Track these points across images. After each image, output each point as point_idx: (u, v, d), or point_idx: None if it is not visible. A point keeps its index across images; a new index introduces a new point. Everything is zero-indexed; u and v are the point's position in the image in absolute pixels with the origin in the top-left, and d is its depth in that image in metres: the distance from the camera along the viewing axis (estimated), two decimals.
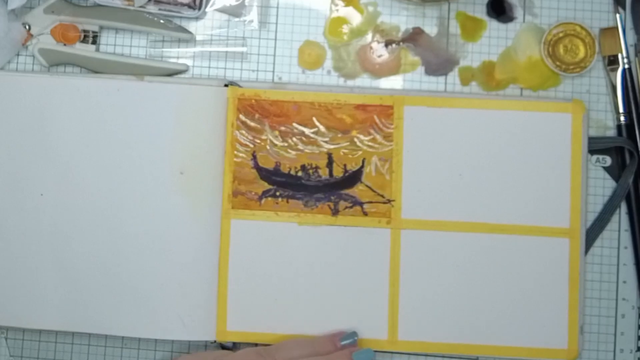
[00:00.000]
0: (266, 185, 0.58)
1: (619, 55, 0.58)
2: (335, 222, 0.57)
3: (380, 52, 0.59)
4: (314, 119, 0.58)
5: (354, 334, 0.55)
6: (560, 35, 0.58)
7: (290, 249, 0.57)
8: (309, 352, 0.54)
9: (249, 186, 0.57)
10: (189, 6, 0.59)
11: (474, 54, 0.59)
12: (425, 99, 0.57)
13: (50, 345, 0.59)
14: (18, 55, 0.61)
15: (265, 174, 0.58)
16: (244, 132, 0.58)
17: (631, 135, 0.58)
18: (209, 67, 0.60)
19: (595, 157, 0.58)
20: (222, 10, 0.60)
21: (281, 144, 0.58)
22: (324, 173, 0.58)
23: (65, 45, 0.59)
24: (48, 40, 0.59)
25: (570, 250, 0.56)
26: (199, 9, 0.59)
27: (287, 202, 0.57)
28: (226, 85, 0.58)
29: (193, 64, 0.60)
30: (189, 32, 0.59)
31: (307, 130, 0.58)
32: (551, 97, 0.59)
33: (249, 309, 0.57)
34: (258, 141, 0.58)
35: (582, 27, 0.58)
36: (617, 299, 0.57)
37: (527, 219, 0.56)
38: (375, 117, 0.57)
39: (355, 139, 0.57)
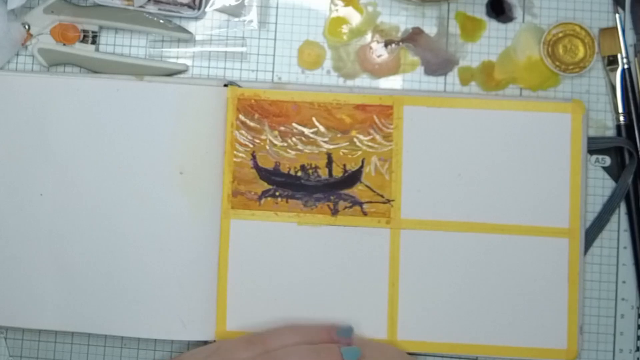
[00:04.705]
0: (266, 185, 0.58)
1: (619, 56, 0.58)
2: (334, 222, 0.57)
3: (379, 52, 0.59)
4: (314, 119, 0.58)
5: (350, 329, 0.55)
6: (560, 35, 0.58)
7: (290, 249, 0.57)
8: (303, 341, 0.53)
9: (249, 186, 0.58)
10: (189, 6, 0.59)
11: (473, 54, 0.59)
12: (424, 99, 0.57)
13: (50, 345, 0.59)
14: (17, 55, 0.61)
15: (264, 174, 0.58)
16: (243, 132, 0.58)
17: (630, 136, 0.58)
18: (209, 67, 0.60)
19: (594, 157, 0.58)
20: (222, 10, 0.60)
21: (281, 144, 0.58)
22: (323, 173, 0.58)
23: (64, 45, 0.59)
24: (47, 40, 0.59)
25: (570, 251, 0.56)
26: (199, 9, 0.59)
27: (287, 202, 0.57)
28: (226, 85, 0.58)
29: (193, 64, 0.60)
30: (189, 32, 0.59)
31: (306, 130, 0.58)
32: (551, 97, 0.59)
33: (249, 308, 0.57)
34: (257, 141, 0.58)
35: (581, 27, 0.58)
36: (616, 299, 0.57)
37: (526, 219, 0.57)
38: (375, 117, 0.57)
39: (355, 139, 0.57)
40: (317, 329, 0.54)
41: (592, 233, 0.57)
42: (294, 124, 0.58)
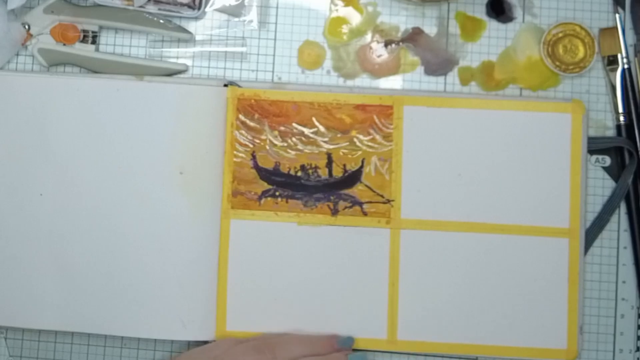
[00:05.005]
0: (266, 185, 0.58)
1: (619, 56, 0.58)
2: (334, 222, 0.57)
3: (379, 52, 0.59)
4: (314, 119, 0.58)
5: (350, 338, 0.56)
6: (560, 35, 0.58)
7: (290, 249, 0.57)
8: (309, 351, 0.54)
9: (249, 186, 0.57)
10: (189, 6, 0.59)
11: (473, 54, 0.59)
12: (424, 99, 0.57)
13: (50, 345, 0.59)
14: (18, 55, 0.61)
15: (264, 174, 0.58)
16: (243, 132, 0.58)
17: (630, 136, 0.58)
18: (209, 67, 0.60)
19: (594, 157, 0.58)
20: (222, 10, 0.60)
21: (281, 144, 0.58)
22: (323, 173, 0.58)
23: (64, 45, 0.59)
24: (48, 40, 0.59)
25: (570, 251, 0.56)
26: (199, 9, 0.59)
27: (287, 202, 0.57)
28: (226, 85, 0.58)
29: (192, 64, 0.60)
30: (189, 32, 0.59)
31: (306, 130, 0.58)
32: (551, 97, 0.59)
33: (249, 308, 0.57)
34: (257, 141, 0.58)
35: (581, 27, 0.58)
36: (616, 299, 0.57)
37: (526, 219, 0.57)
38: (375, 117, 0.57)
39: (355, 139, 0.57)
40: (320, 339, 0.55)
41: (592, 233, 0.57)
42: (294, 124, 0.58)
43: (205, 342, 0.58)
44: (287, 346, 0.54)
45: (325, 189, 0.57)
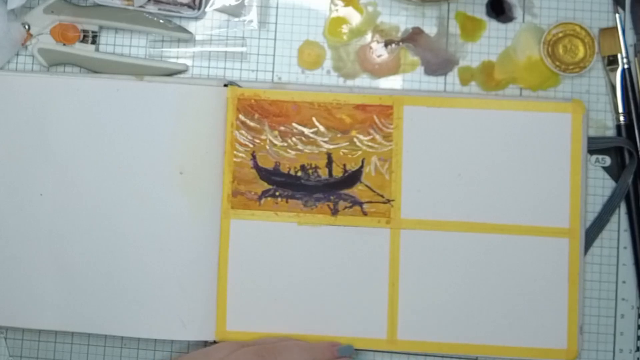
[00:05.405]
0: (266, 185, 0.58)
1: (619, 55, 0.58)
2: (334, 222, 0.57)
3: (379, 52, 0.59)
4: (314, 119, 0.58)
5: (350, 347, 0.56)
6: (560, 35, 0.58)
7: (290, 249, 0.57)
8: (310, 358, 0.54)
9: (249, 186, 0.58)
10: (189, 6, 0.59)
11: (473, 54, 0.59)
12: (424, 99, 0.57)
13: (50, 345, 0.59)
14: (17, 55, 0.61)
15: (264, 174, 0.58)
16: (243, 132, 0.58)
17: (630, 135, 0.58)
18: (209, 67, 0.60)
19: (594, 157, 0.58)
20: (222, 10, 0.60)
21: (281, 144, 0.58)
22: (323, 173, 0.58)
23: (64, 45, 0.59)
24: (47, 40, 0.59)
25: (570, 250, 0.56)
26: (199, 9, 0.59)
27: (287, 202, 0.57)
28: (226, 85, 0.58)
29: (192, 64, 0.60)
30: (189, 32, 0.59)
31: (306, 130, 0.58)
32: (551, 97, 0.59)
33: (249, 309, 0.57)
34: (257, 141, 0.58)
35: (581, 27, 0.58)
36: (616, 299, 0.57)
37: (526, 219, 0.57)
38: (375, 117, 0.57)
39: (355, 139, 0.57)
40: (321, 346, 0.55)
41: (592, 233, 0.57)
42: (294, 124, 0.58)
43: (205, 342, 0.58)
44: (288, 352, 0.54)
45: (325, 189, 0.57)
